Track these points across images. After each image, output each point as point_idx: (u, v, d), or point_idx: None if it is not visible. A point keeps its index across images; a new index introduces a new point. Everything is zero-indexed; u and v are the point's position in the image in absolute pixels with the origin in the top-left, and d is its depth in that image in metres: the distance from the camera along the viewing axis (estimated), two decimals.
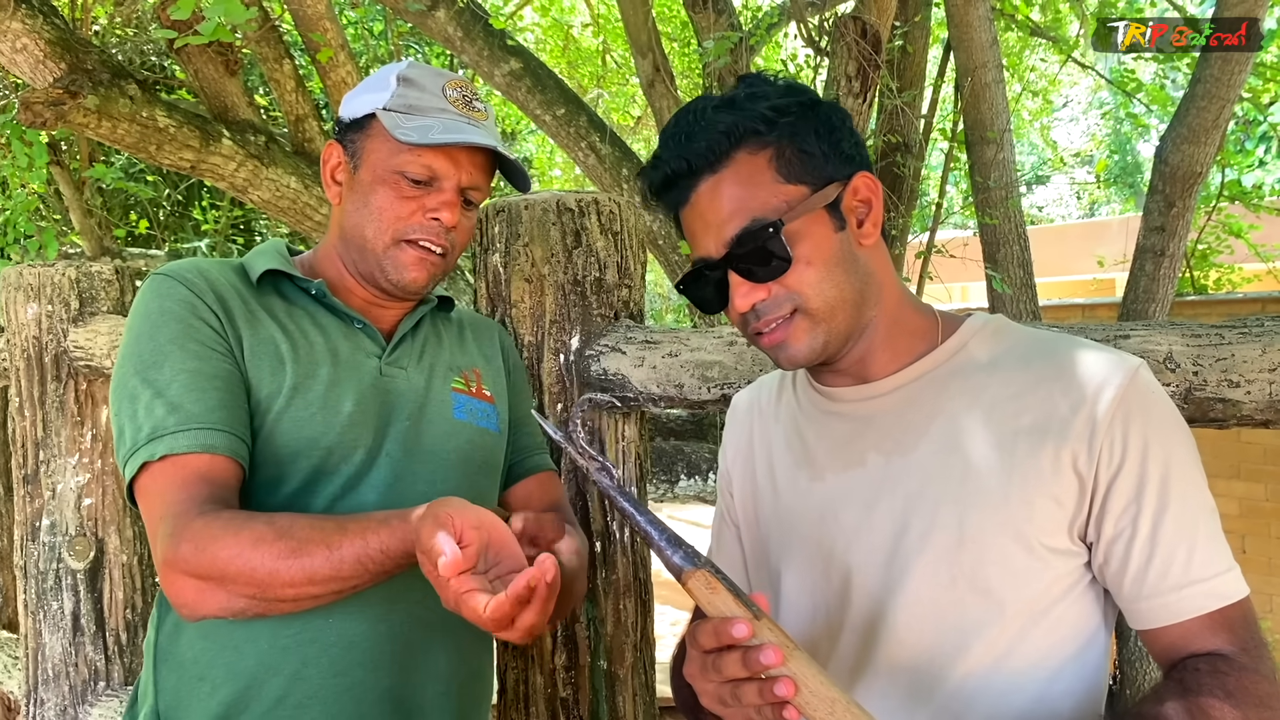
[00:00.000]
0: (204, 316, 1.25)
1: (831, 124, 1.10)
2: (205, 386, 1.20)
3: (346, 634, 1.26)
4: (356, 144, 1.35)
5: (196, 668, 1.25)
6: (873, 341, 1.13)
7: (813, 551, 1.15)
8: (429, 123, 1.30)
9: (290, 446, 1.25)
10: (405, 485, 1.33)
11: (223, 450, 1.18)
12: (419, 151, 1.30)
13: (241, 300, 1.30)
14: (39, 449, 2.57)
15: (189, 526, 1.11)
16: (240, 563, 1.08)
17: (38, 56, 3.28)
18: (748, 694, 0.89)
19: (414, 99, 1.32)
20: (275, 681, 1.24)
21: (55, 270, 2.53)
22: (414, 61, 1.38)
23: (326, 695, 1.25)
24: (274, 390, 1.26)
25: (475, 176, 1.35)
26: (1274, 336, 1.17)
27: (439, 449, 1.37)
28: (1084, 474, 1.01)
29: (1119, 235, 9.51)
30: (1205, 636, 0.99)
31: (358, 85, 1.40)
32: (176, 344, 1.22)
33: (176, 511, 1.13)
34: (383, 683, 1.28)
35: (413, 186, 1.31)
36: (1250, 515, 6.00)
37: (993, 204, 4.38)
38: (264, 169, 3.78)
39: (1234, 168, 7.13)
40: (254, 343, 1.27)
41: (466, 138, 1.30)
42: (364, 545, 1.08)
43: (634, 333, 1.67)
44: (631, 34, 4.80)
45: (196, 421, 1.18)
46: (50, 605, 2.57)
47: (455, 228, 1.35)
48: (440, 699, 1.33)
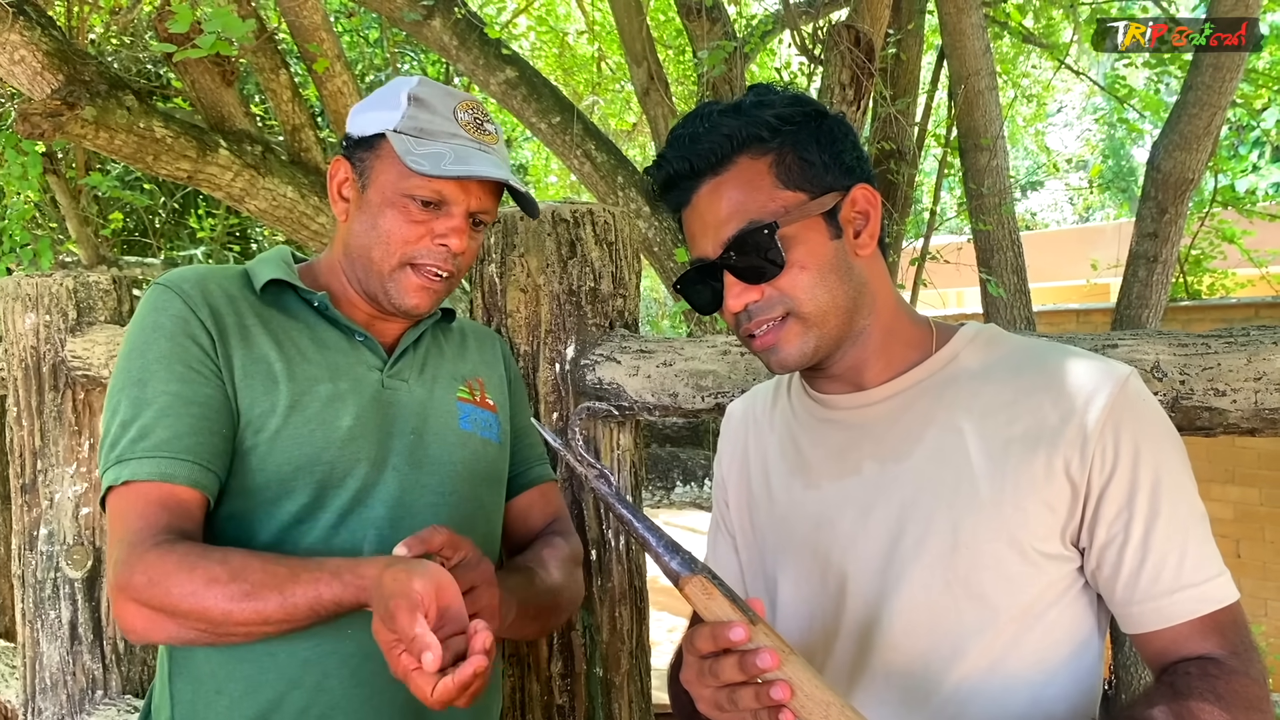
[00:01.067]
0: (194, 334, 1.26)
1: (834, 135, 1.11)
2: (181, 412, 1.22)
3: (365, 645, 1.26)
4: (365, 163, 1.34)
5: (214, 681, 1.25)
6: (867, 349, 1.15)
7: (808, 558, 1.16)
8: (440, 150, 1.29)
9: (292, 462, 1.26)
10: (413, 498, 1.33)
11: (182, 480, 1.19)
12: (429, 178, 1.29)
13: (237, 315, 1.31)
14: (37, 458, 2.57)
15: (143, 558, 1.13)
16: (194, 601, 1.11)
17: (35, 68, 3.28)
18: (744, 698, 0.90)
19: (425, 121, 1.31)
20: (297, 694, 1.24)
21: (53, 280, 2.54)
22: (425, 79, 1.37)
23: (349, 706, 1.25)
24: (269, 408, 1.26)
25: (484, 201, 1.34)
26: (1259, 346, 1.18)
27: (446, 460, 1.38)
28: (1076, 480, 1.02)
29: (1113, 241, 9.54)
30: (1196, 640, 1.00)
31: (366, 99, 1.38)
32: (163, 363, 1.24)
33: (132, 540, 1.16)
34: (403, 693, 1.28)
35: (422, 210, 1.30)
36: (1245, 520, 6.01)
37: (986, 210, 4.40)
38: (260, 178, 3.78)
39: (1227, 173, 7.16)
40: (246, 361, 1.28)
41: (478, 171, 1.29)
42: (317, 595, 1.10)
43: (629, 342, 1.68)
44: (626, 42, 4.81)
45: (163, 449, 1.20)
46: (48, 614, 2.57)
47: (463, 253, 1.35)
48: (456, 708, 1.34)
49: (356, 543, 1.28)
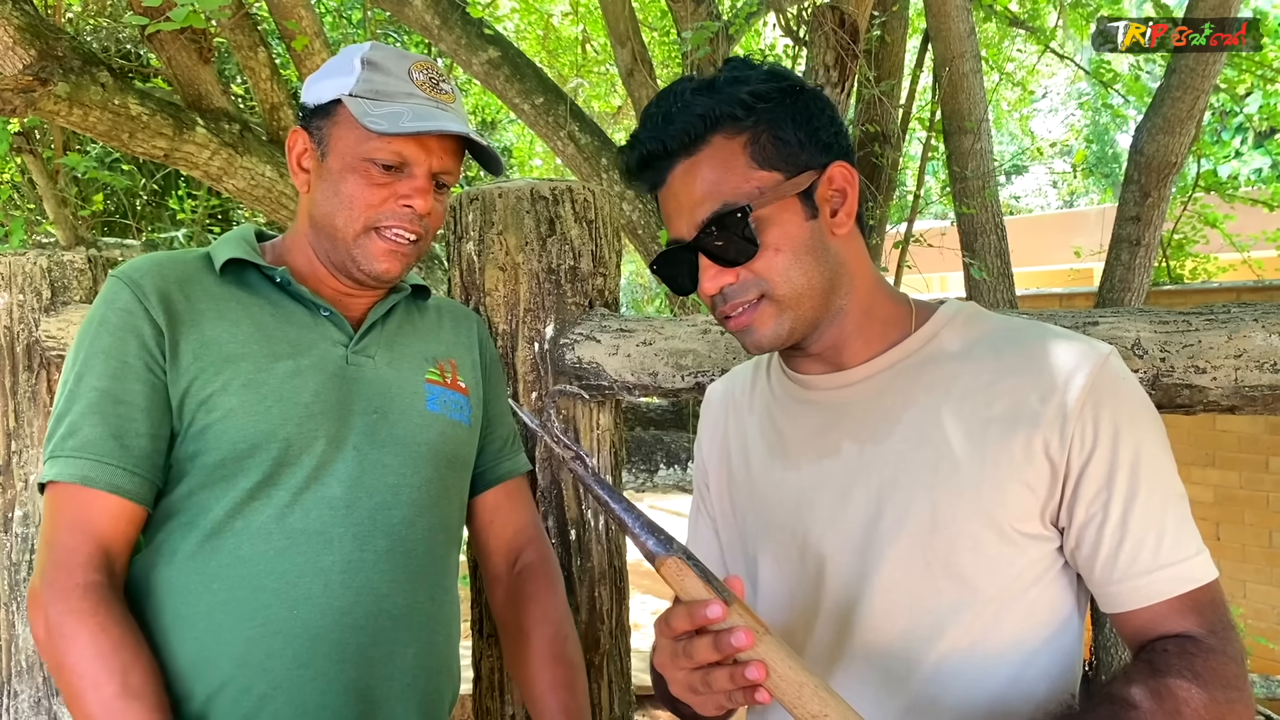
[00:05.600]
0: (138, 328, 1.25)
1: (810, 112, 1.10)
2: (108, 411, 1.23)
3: (311, 626, 1.25)
4: (323, 131, 1.33)
5: (159, 656, 1.24)
6: (845, 329, 1.14)
7: (788, 539, 1.16)
8: (398, 109, 1.28)
9: (248, 439, 1.25)
10: (372, 478, 1.32)
11: (101, 485, 1.21)
12: (389, 138, 1.28)
13: (190, 300, 1.29)
14: (10, 439, 2.55)
15: (66, 597, 1.17)
16: (73, 682, 1.14)
17: (7, 43, 3.24)
18: (719, 679, 0.89)
19: (380, 83, 1.30)
20: (242, 673, 1.23)
21: (27, 260, 2.51)
22: (376, 43, 1.36)
23: (291, 686, 1.24)
24: (220, 387, 1.26)
25: (446, 161, 1.34)
26: (1239, 323, 1.18)
27: (409, 441, 1.36)
28: (1056, 459, 1.02)
29: (1096, 225, 9.57)
30: (1175, 619, 0.99)
31: (320, 69, 1.37)
32: (100, 358, 1.25)
33: (58, 559, 1.19)
34: (347, 674, 1.27)
35: (383, 173, 1.30)
36: (1224, 503, 6.06)
37: (970, 194, 4.40)
38: (238, 158, 3.75)
39: (1209, 158, 7.19)
40: (198, 345, 1.27)
41: (438, 125, 1.29)
42: None
43: (609, 321, 1.67)
44: (610, 23, 4.78)
45: (86, 451, 1.21)
46: (23, 596, 2.55)
47: (428, 214, 1.34)
48: (405, 691, 1.33)
49: (310, 522, 1.27)
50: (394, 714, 1.32)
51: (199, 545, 1.25)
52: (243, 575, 1.24)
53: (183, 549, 1.25)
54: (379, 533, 1.31)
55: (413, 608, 1.34)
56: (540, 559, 1.52)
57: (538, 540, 1.54)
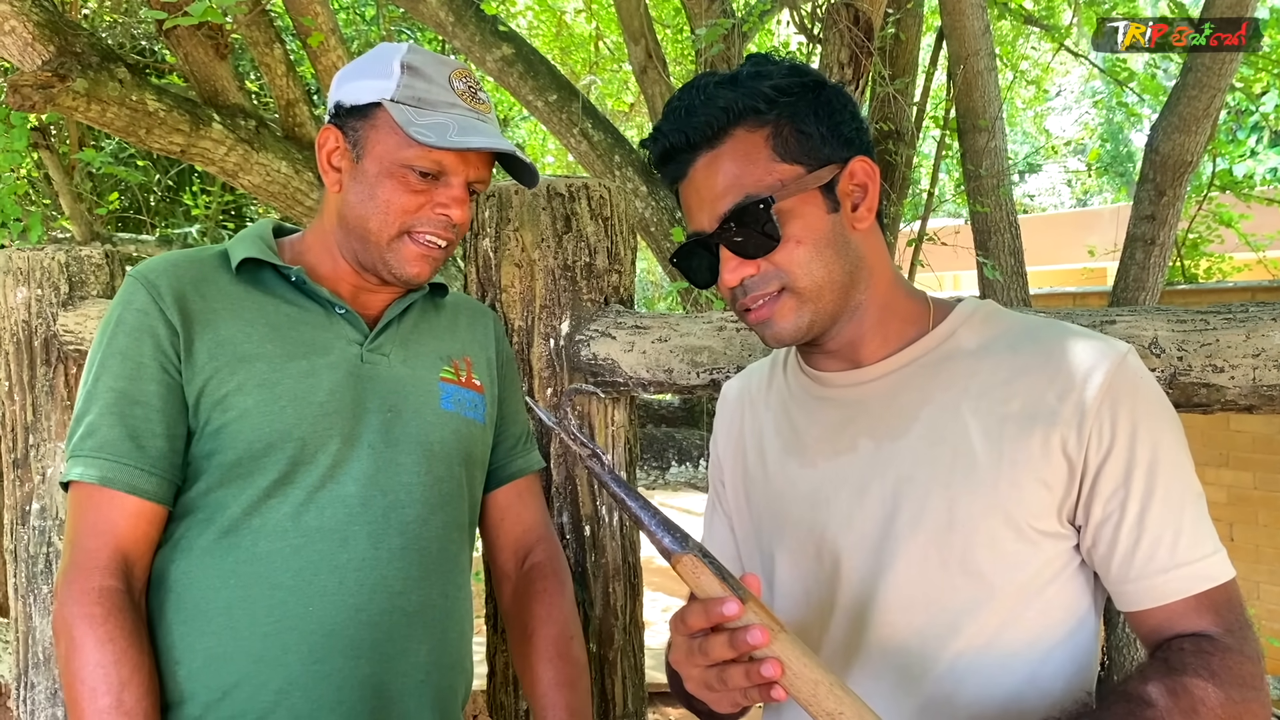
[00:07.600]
0: (154, 328, 1.27)
1: (832, 106, 1.10)
2: (125, 411, 1.25)
3: (326, 623, 1.26)
4: (359, 132, 1.32)
5: (174, 651, 1.25)
6: (863, 325, 1.14)
7: (804, 536, 1.16)
8: (442, 120, 1.28)
9: (264, 439, 1.26)
10: (387, 476, 1.33)
11: (120, 486, 1.23)
12: (430, 148, 1.28)
13: (206, 299, 1.30)
14: (29, 433, 2.56)
15: (80, 600, 1.19)
16: (73, 685, 1.17)
17: (26, 39, 3.25)
18: (734, 676, 0.90)
19: (422, 90, 1.29)
20: (258, 670, 1.24)
21: (44, 254, 2.53)
22: (414, 46, 1.35)
23: (306, 682, 1.25)
24: (236, 387, 1.26)
25: (481, 171, 1.34)
26: (1258, 322, 1.17)
27: (423, 439, 1.37)
28: (1073, 457, 1.02)
29: (1110, 224, 9.51)
30: (1191, 618, 0.99)
31: (353, 66, 1.36)
32: (117, 358, 1.26)
33: (78, 560, 1.22)
34: (362, 670, 1.28)
35: (420, 180, 1.29)
36: (1238, 503, 6.03)
37: (984, 192, 4.39)
38: (254, 154, 3.76)
39: (1225, 157, 7.14)
40: (213, 344, 1.28)
41: (485, 142, 1.29)
42: None
43: (624, 318, 1.67)
44: (624, 20, 4.78)
45: (105, 451, 1.23)
46: (40, 589, 2.57)
47: (463, 223, 1.34)
48: (419, 687, 1.34)
49: (326, 520, 1.28)
50: (407, 709, 1.33)
51: (215, 541, 1.26)
52: (259, 572, 1.25)
53: (199, 545, 1.26)
54: (393, 530, 1.32)
55: (426, 604, 1.35)
56: (548, 558, 1.52)
57: (547, 539, 1.54)
